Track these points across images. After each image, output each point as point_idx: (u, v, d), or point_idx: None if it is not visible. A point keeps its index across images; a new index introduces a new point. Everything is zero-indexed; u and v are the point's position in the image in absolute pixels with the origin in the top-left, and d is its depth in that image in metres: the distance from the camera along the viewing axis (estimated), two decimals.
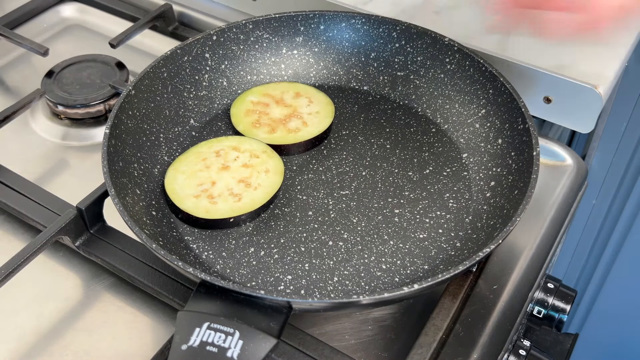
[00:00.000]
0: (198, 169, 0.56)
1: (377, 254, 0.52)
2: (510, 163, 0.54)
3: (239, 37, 0.63)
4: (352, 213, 0.55)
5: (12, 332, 0.51)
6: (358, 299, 0.42)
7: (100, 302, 0.53)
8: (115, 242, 0.54)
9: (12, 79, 0.74)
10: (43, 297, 0.53)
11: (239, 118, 0.61)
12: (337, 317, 0.52)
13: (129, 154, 0.54)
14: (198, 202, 0.53)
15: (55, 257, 0.56)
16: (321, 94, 0.63)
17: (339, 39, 0.65)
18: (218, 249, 0.52)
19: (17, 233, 0.58)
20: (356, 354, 0.49)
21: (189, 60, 0.61)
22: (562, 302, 0.56)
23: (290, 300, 0.41)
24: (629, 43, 0.63)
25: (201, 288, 0.43)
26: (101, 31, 0.80)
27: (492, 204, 0.53)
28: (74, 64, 0.71)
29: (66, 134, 0.67)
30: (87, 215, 0.54)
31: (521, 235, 0.55)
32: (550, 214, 0.57)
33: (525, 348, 0.52)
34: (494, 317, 0.50)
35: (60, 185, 0.62)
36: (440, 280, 0.43)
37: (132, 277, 0.52)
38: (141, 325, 0.51)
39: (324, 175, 0.58)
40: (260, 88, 0.64)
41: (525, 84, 0.61)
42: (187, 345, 0.40)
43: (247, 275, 0.50)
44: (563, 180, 0.60)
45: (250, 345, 0.40)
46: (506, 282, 0.52)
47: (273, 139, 0.59)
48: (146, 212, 0.52)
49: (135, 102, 0.56)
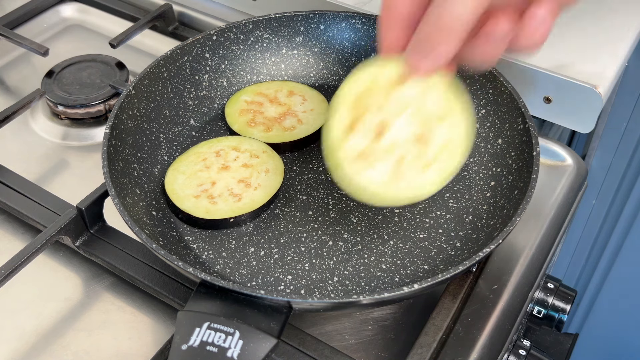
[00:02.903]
0: (198, 169, 0.56)
1: (377, 254, 0.52)
2: (510, 163, 0.54)
3: (239, 37, 0.63)
4: (352, 213, 0.55)
5: (12, 332, 0.51)
6: (358, 299, 0.42)
7: (100, 302, 0.53)
8: (115, 242, 0.54)
9: (12, 79, 0.74)
10: (43, 297, 0.53)
11: (233, 118, 0.61)
12: (337, 317, 0.52)
13: (129, 154, 0.54)
14: (198, 202, 0.53)
15: (55, 257, 0.56)
16: (314, 92, 0.63)
17: (339, 39, 0.65)
18: (218, 249, 0.52)
19: (17, 233, 0.58)
20: (356, 354, 0.49)
21: (189, 60, 0.61)
22: (562, 302, 0.56)
23: (290, 300, 0.41)
24: (629, 43, 0.63)
25: (201, 288, 0.43)
26: (101, 31, 0.80)
27: (492, 204, 0.53)
28: (74, 64, 0.71)
29: (66, 134, 0.67)
30: (87, 215, 0.54)
31: (521, 235, 0.55)
32: (550, 214, 0.57)
33: (525, 348, 0.52)
34: (494, 317, 0.50)
35: (60, 185, 0.62)
36: (440, 280, 0.43)
37: (132, 277, 0.52)
38: (141, 325, 0.51)
39: (324, 175, 0.58)
40: (253, 87, 0.64)
41: (525, 84, 0.61)
42: (187, 345, 0.40)
43: (247, 275, 0.50)
44: (563, 180, 0.60)
45: (250, 345, 0.40)
46: (506, 282, 0.52)
47: (269, 137, 0.59)
48: (146, 212, 0.52)
49: (135, 102, 0.57)
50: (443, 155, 0.40)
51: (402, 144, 0.40)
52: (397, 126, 0.40)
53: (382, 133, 0.40)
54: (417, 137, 0.40)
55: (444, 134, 0.40)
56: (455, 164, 0.40)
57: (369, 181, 0.40)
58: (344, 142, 0.41)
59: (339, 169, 0.40)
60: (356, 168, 0.40)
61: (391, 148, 0.40)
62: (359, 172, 0.40)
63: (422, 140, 0.40)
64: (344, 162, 0.40)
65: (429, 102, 0.40)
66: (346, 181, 0.40)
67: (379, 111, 0.40)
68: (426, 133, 0.40)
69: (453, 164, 0.40)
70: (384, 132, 0.40)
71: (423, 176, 0.40)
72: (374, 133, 0.40)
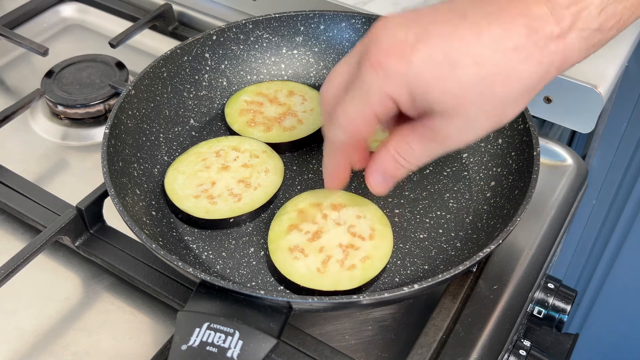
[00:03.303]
0: (198, 169, 0.56)
1: None
2: (511, 163, 0.54)
3: (239, 37, 0.63)
4: None
5: (12, 332, 0.51)
6: (358, 299, 0.42)
7: (100, 302, 0.53)
8: (115, 242, 0.54)
9: (12, 79, 0.74)
10: (43, 297, 0.53)
11: (233, 118, 0.61)
12: (337, 317, 0.52)
13: (129, 154, 0.54)
14: (198, 202, 0.53)
15: (55, 257, 0.56)
16: (314, 92, 0.63)
17: (339, 39, 0.65)
18: (218, 249, 0.52)
19: (17, 233, 0.58)
20: (356, 354, 0.49)
21: (189, 60, 0.61)
22: (562, 302, 0.56)
23: (290, 300, 0.41)
24: (629, 43, 0.63)
25: (201, 288, 0.43)
26: (101, 31, 0.80)
27: (492, 204, 0.53)
28: (74, 64, 0.71)
29: (66, 134, 0.67)
30: (87, 215, 0.54)
31: (521, 235, 0.55)
32: (550, 214, 0.57)
33: (526, 348, 0.52)
34: (494, 317, 0.49)
35: (60, 185, 0.62)
36: (440, 281, 0.43)
37: (132, 277, 0.52)
38: (141, 325, 0.51)
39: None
40: (253, 87, 0.64)
41: None
42: (187, 346, 0.40)
43: (247, 275, 0.50)
44: (563, 180, 0.60)
45: (250, 346, 0.40)
46: (506, 282, 0.52)
47: (269, 137, 0.59)
48: (146, 212, 0.52)
49: (135, 102, 0.56)
50: (364, 264, 0.49)
51: (331, 248, 0.50)
52: (330, 235, 0.51)
53: (318, 236, 0.50)
54: (345, 246, 0.50)
55: (367, 249, 0.50)
56: (373, 273, 0.48)
57: (298, 268, 0.48)
58: (285, 234, 0.51)
59: (277, 253, 0.50)
60: (290, 256, 0.49)
61: (322, 249, 0.50)
62: (292, 260, 0.49)
63: (348, 249, 0.50)
64: (282, 249, 0.50)
65: (360, 224, 0.51)
66: (280, 264, 0.49)
67: (321, 220, 0.52)
68: (353, 244, 0.50)
69: (371, 272, 0.48)
70: (319, 237, 0.50)
71: (344, 273, 0.48)
72: (311, 235, 0.50)
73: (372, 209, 0.53)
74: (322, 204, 0.53)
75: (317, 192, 0.54)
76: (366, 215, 0.52)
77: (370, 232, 0.51)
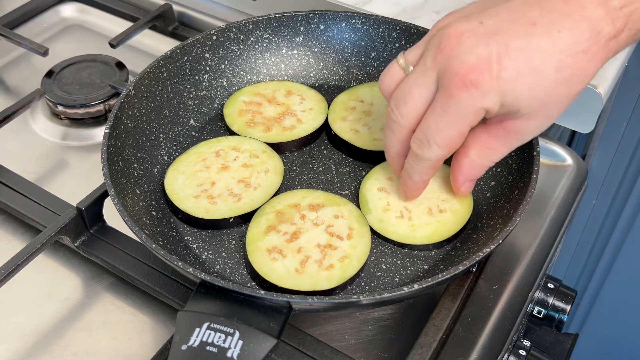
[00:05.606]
0: (198, 169, 0.56)
1: (377, 254, 0.52)
2: (510, 163, 0.54)
3: (239, 37, 0.63)
4: None
5: (12, 332, 0.51)
6: (358, 299, 0.42)
7: (100, 302, 0.53)
8: (115, 242, 0.54)
9: (12, 79, 0.74)
10: (43, 297, 0.53)
11: (233, 118, 0.61)
12: (337, 317, 0.52)
13: (129, 154, 0.54)
14: (198, 202, 0.53)
15: (55, 257, 0.56)
16: (312, 91, 0.63)
17: (339, 39, 0.65)
18: (218, 249, 0.52)
19: (17, 233, 0.58)
20: (356, 354, 0.49)
21: (189, 60, 0.61)
22: (562, 302, 0.56)
23: (290, 300, 0.41)
24: None
25: (201, 288, 0.43)
26: (101, 31, 0.80)
27: (492, 204, 0.53)
28: (74, 64, 0.71)
29: (66, 134, 0.67)
30: (87, 215, 0.54)
31: (521, 235, 0.55)
32: (550, 214, 0.57)
33: (525, 348, 0.52)
34: (494, 317, 0.49)
35: (60, 185, 0.62)
36: (440, 281, 0.43)
37: (132, 277, 0.52)
38: (141, 325, 0.51)
39: (324, 175, 0.58)
40: (251, 88, 0.64)
41: None
42: (187, 346, 0.40)
43: (247, 275, 0.50)
44: (563, 180, 0.60)
45: (250, 345, 0.40)
46: (506, 282, 0.52)
47: (269, 137, 0.59)
48: (146, 212, 0.52)
49: (135, 102, 0.56)
50: (342, 264, 0.49)
51: (309, 248, 0.50)
52: (308, 235, 0.51)
53: (296, 237, 0.51)
54: (323, 246, 0.50)
55: (345, 249, 0.50)
56: (351, 273, 0.49)
57: (276, 269, 0.49)
58: (263, 235, 0.51)
59: (255, 254, 0.50)
60: (268, 257, 0.49)
61: (300, 249, 0.50)
62: (270, 261, 0.49)
63: (326, 249, 0.50)
64: (260, 250, 0.50)
65: (338, 223, 0.52)
66: (258, 265, 0.49)
67: (299, 221, 0.52)
68: (331, 244, 0.50)
69: (349, 271, 0.49)
70: (297, 237, 0.51)
71: (323, 273, 0.48)
72: (290, 236, 0.51)
73: (350, 208, 0.53)
74: (300, 205, 0.53)
75: (295, 193, 0.55)
76: (344, 214, 0.53)
77: (348, 232, 0.51)
